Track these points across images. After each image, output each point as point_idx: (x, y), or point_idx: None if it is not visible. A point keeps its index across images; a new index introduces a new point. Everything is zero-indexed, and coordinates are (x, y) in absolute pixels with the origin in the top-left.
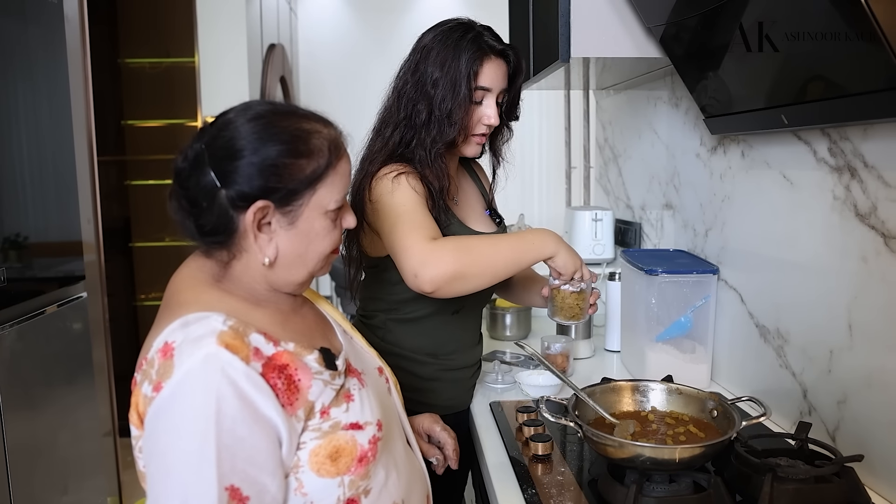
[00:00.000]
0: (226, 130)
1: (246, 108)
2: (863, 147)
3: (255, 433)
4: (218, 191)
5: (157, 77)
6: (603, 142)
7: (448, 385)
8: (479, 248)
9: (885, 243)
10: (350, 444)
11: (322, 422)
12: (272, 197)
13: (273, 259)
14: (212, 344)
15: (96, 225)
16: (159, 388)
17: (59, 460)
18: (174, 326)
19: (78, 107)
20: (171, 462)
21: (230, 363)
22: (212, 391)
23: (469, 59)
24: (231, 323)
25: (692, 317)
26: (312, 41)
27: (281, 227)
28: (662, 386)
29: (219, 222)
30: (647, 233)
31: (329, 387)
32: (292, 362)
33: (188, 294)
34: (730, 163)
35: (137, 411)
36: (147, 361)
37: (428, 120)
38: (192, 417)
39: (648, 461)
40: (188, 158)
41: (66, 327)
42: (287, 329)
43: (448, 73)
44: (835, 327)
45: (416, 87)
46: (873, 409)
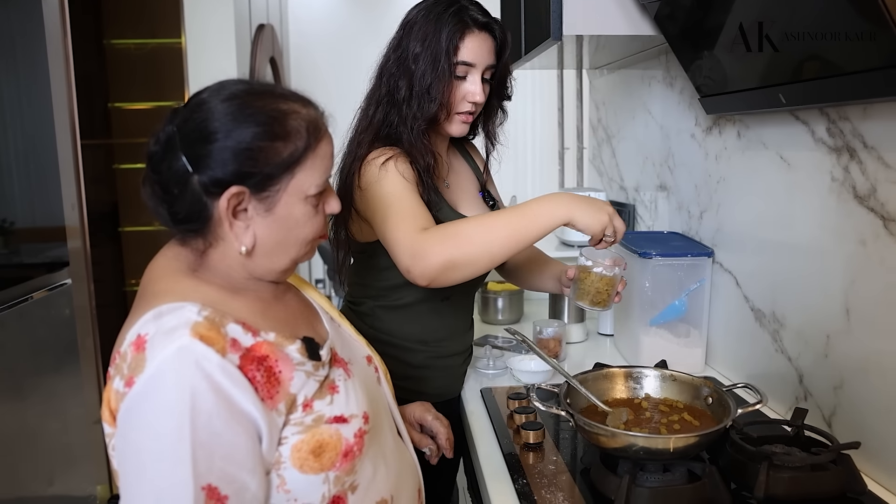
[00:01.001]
0: (198, 112)
1: (220, 88)
2: (862, 127)
3: (232, 429)
4: (190, 176)
5: (143, 58)
6: (596, 122)
7: (439, 372)
8: (471, 233)
9: (885, 226)
10: (334, 438)
11: (304, 415)
12: (247, 182)
13: (251, 247)
14: (185, 336)
15: (81, 210)
16: (131, 384)
17: (47, 449)
18: (147, 318)
19: (59, 90)
20: (143, 461)
21: (204, 356)
22: (185, 386)
23: (450, 32)
24: (206, 313)
25: (687, 300)
26: (303, 20)
27: (258, 213)
28: (656, 372)
29: (192, 209)
30: (640, 215)
31: (312, 378)
32: (272, 353)
33: (163, 283)
34: (725, 143)
35: (109, 408)
36: (120, 355)
37: (409, 96)
38: (166, 414)
39: (642, 451)
40: (160, 141)
41: (53, 314)
42: (268, 318)
43: (429, 48)
44: (832, 311)
45: (397, 63)
46: (870, 395)
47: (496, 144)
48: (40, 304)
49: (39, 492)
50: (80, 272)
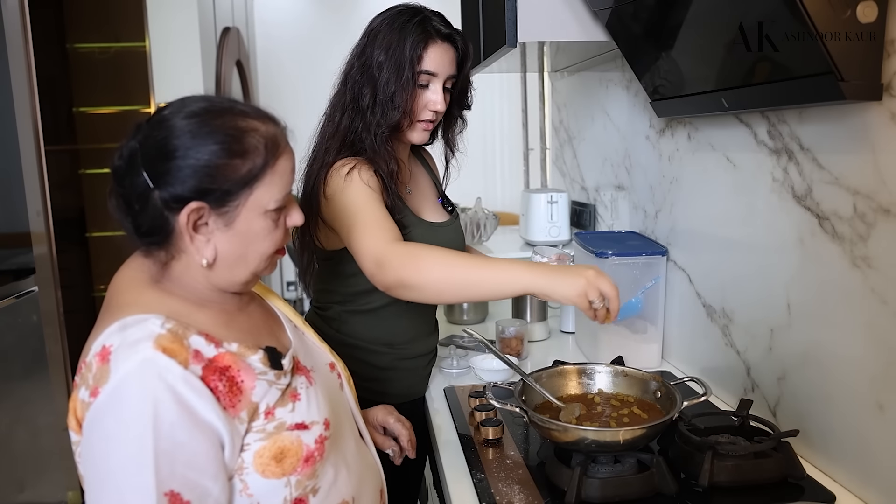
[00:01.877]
0: (159, 130)
1: (182, 106)
2: (799, 130)
3: (194, 438)
4: (151, 192)
5: (107, 62)
6: (558, 124)
7: (404, 374)
8: (432, 264)
9: (820, 224)
10: (295, 444)
11: (266, 423)
12: (207, 198)
13: (212, 260)
14: (148, 348)
15: (46, 217)
16: (96, 394)
17: (18, 456)
18: (112, 329)
19: (21, 95)
20: (108, 468)
21: (167, 367)
22: (148, 396)
23: (414, 42)
24: (170, 326)
25: (643, 298)
26: (269, 23)
27: (218, 228)
28: (608, 368)
29: (153, 224)
30: (601, 214)
31: (274, 387)
32: (235, 363)
33: (128, 295)
34: (677, 145)
35: (76, 416)
36: (86, 365)
37: (373, 103)
38: (129, 423)
39: (593, 444)
40: (123, 157)
41: (20, 321)
42: (231, 329)
43: (392, 56)
44: (775, 306)
45: (361, 71)
46: (810, 385)
47: (455, 152)
48: (7, 311)
49: (10, 499)
50: (46, 278)
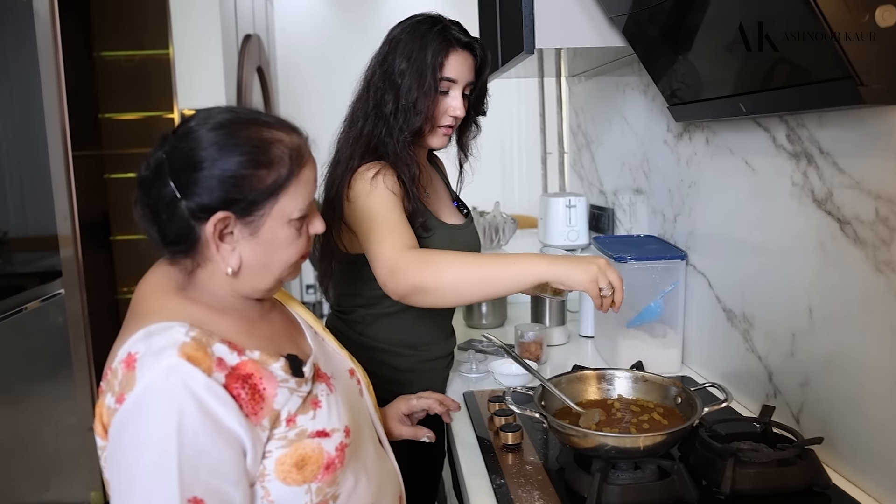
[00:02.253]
0: (185, 141)
1: (207, 117)
2: (818, 134)
3: (217, 445)
4: (178, 202)
5: (132, 70)
6: (576, 128)
7: (425, 376)
8: (448, 266)
9: (841, 229)
10: (316, 451)
11: (288, 430)
12: (233, 208)
13: (237, 268)
14: (173, 356)
15: (73, 221)
16: (122, 400)
17: (42, 456)
18: (137, 337)
19: (51, 102)
20: (133, 474)
21: (191, 375)
22: (173, 404)
23: (435, 49)
24: (194, 333)
25: (662, 302)
26: (289, 31)
27: (243, 237)
28: (628, 374)
29: (180, 233)
30: (619, 218)
31: (295, 394)
32: (257, 371)
33: (153, 303)
34: (695, 149)
35: (102, 422)
36: (111, 371)
37: (395, 109)
38: (154, 430)
39: (613, 450)
40: (150, 167)
41: (46, 323)
42: (253, 336)
43: (415, 64)
44: (796, 311)
45: (383, 78)
46: (833, 391)
47: (469, 156)
48: (34, 313)
49: (35, 498)
50: (72, 281)
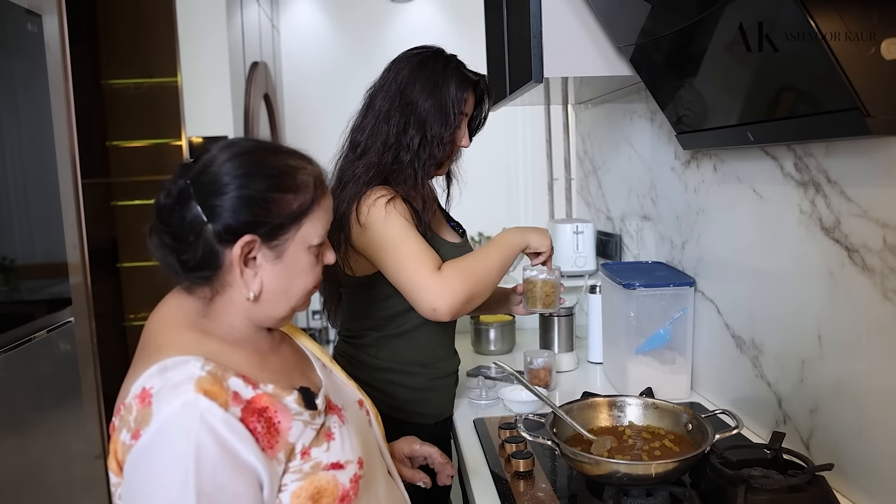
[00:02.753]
0: (212, 166)
1: (231, 145)
2: (826, 163)
3: (235, 479)
4: (204, 225)
5: (140, 97)
6: (583, 154)
7: (437, 394)
8: (478, 267)
9: (849, 256)
10: (331, 484)
11: (303, 463)
12: (258, 231)
13: (258, 294)
14: (190, 391)
15: (82, 249)
16: (138, 436)
17: (50, 484)
18: (152, 372)
19: (60, 131)
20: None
21: (209, 410)
22: (191, 439)
23: (457, 86)
24: (209, 368)
25: (671, 328)
26: (295, 57)
27: (267, 261)
28: (639, 401)
29: (204, 258)
30: (627, 244)
31: (309, 427)
32: (272, 405)
33: (166, 337)
34: (703, 176)
35: (116, 458)
36: (125, 407)
37: (421, 143)
38: (172, 466)
39: (625, 477)
40: (171, 195)
41: (55, 351)
42: (265, 370)
43: (439, 100)
44: (805, 338)
45: (404, 112)
46: (843, 417)
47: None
48: (44, 342)
49: None
50: (81, 309)
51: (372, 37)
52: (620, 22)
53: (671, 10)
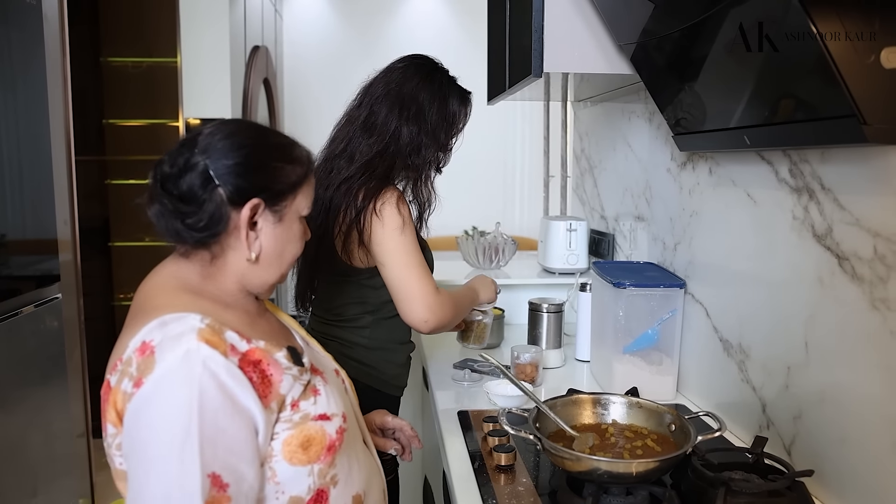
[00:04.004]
0: (218, 134)
1: (232, 121)
2: (820, 170)
3: (234, 423)
4: (216, 188)
5: (139, 76)
6: (580, 152)
7: (407, 368)
8: (459, 304)
9: (839, 264)
10: (319, 433)
11: (293, 413)
12: (263, 195)
13: (258, 255)
14: (192, 340)
15: (73, 225)
16: (140, 384)
17: (31, 461)
18: (151, 326)
19: (56, 107)
20: (154, 453)
21: (211, 357)
22: (194, 384)
23: (458, 100)
24: (208, 321)
25: (659, 329)
26: (297, 43)
27: (267, 224)
28: (623, 399)
29: (212, 219)
30: (619, 244)
31: (298, 382)
32: (264, 358)
33: (161, 298)
34: (698, 179)
35: (115, 409)
36: (122, 361)
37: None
38: (176, 409)
39: (605, 474)
40: (178, 164)
41: (41, 328)
42: (255, 329)
43: (446, 111)
44: (792, 344)
45: (412, 118)
46: (826, 425)
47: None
48: (29, 317)
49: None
50: (70, 286)
51: (375, 26)
52: (623, 20)
53: (674, 9)
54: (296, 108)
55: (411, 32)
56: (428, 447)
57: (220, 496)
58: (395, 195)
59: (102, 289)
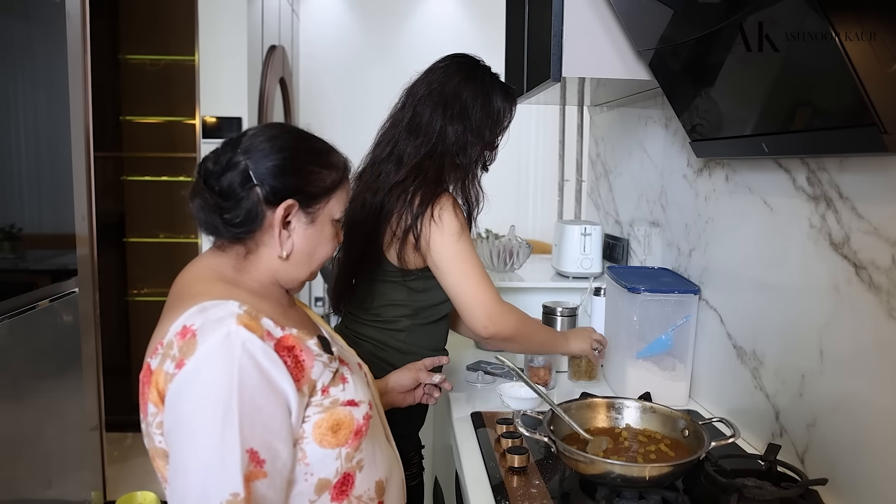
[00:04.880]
0: (261, 136)
1: (275, 125)
2: (839, 178)
3: (271, 402)
4: (254, 187)
5: (156, 74)
6: (595, 157)
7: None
8: (531, 325)
9: (857, 273)
10: (348, 418)
11: (323, 398)
12: (298, 197)
13: (289, 253)
14: (232, 324)
15: (90, 221)
16: (182, 365)
17: (45, 453)
18: (191, 312)
19: (76, 103)
20: (196, 428)
21: (249, 339)
22: (234, 363)
23: (502, 97)
24: (246, 307)
25: (673, 335)
26: (313, 43)
27: (300, 225)
28: (637, 404)
29: (248, 216)
30: (634, 249)
31: (328, 369)
32: (297, 344)
33: (199, 286)
34: (714, 185)
35: (157, 389)
36: (163, 345)
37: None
38: (217, 387)
39: (619, 478)
40: (220, 162)
41: (57, 321)
42: (288, 319)
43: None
44: (807, 352)
45: (458, 117)
46: (840, 434)
47: None
48: (45, 311)
49: (36, 495)
50: (86, 281)
51: (391, 28)
52: (642, 26)
53: (693, 16)
54: (311, 108)
55: (427, 34)
56: (439, 448)
57: (257, 471)
58: (451, 201)
59: (116, 284)
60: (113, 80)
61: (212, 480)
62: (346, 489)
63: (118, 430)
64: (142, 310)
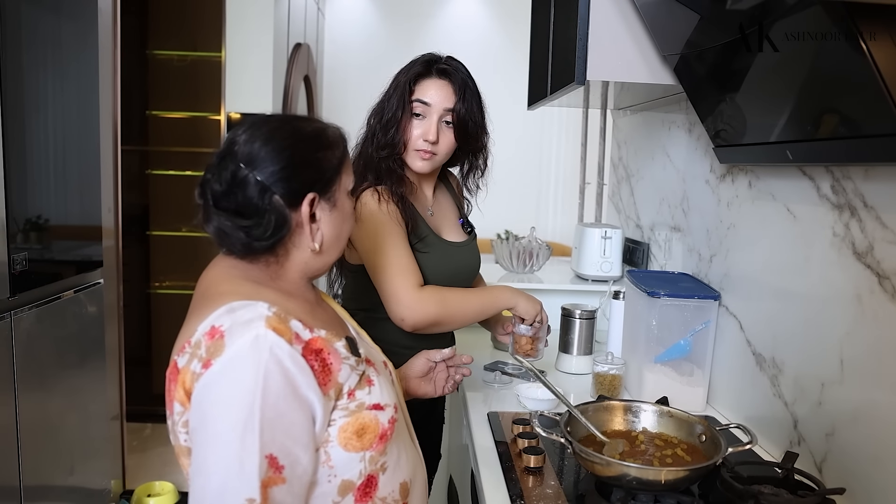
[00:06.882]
0: (256, 141)
1: (260, 124)
2: (863, 187)
3: (293, 409)
4: (272, 195)
5: (183, 69)
6: (617, 160)
7: None
8: (457, 302)
9: (880, 283)
10: (373, 422)
11: (349, 402)
12: (316, 187)
13: (321, 245)
14: (261, 326)
15: (116, 213)
16: (209, 365)
17: (68, 441)
18: (220, 312)
19: (105, 96)
20: (218, 430)
21: (278, 344)
22: (260, 368)
23: (413, 74)
24: (275, 310)
25: (692, 340)
26: (338, 42)
27: (324, 213)
28: (654, 408)
29: (277, 225)
30: (654, 254)
31: (354, 372)
32: (325, 347)
33: (226, 286)
34: (737, 191)
35: (184, 388)
36: (191, 345)
37: (379, 129)
38: (242, 390)
39: (634, 481)
40: (224, 180)
41: (81, 311)
42: (316, 318)
43: (397, 89)
44: (827, 361)
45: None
46: (859, 444)
47: (472, 192)
48: (71, 301)
49: (60, 482)
50: (111, 272)
51: (416, 28)
52: (667, 30)
53: (720, 22)
54: (333, 106)
55: (452, 35)
56: (454, 447)
57: (276, 477)
58: (371, 196)
59: (139, 276)
60: (140, 74)
61: (230, 484)
62: (370, 491)
63: (138, 420)
64: (163, 302)
